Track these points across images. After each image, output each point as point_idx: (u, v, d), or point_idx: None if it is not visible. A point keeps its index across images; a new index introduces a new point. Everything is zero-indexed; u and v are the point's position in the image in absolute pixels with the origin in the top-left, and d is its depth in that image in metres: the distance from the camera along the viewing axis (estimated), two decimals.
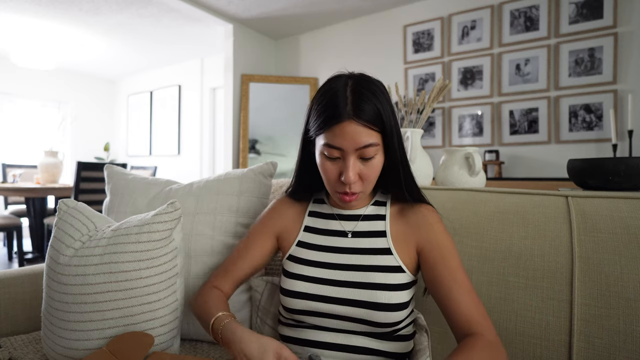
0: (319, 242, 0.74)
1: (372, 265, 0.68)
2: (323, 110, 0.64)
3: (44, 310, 0.76)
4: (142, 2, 3.15)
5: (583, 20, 2.54)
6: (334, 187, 0.68)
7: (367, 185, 0.67)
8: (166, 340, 0.75)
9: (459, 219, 0.84)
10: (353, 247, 0.71)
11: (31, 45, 4.10)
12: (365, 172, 0.65)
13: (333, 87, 0.65)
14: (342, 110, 0.62)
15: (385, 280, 0.66)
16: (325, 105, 0.64)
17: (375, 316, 0.65)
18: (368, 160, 0.65)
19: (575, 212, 0.75)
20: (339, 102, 0.63)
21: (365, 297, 0.65)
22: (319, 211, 0.78)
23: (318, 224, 0.76)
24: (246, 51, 3.69)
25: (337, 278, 0.68)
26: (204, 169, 4.59)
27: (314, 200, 0.80)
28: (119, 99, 5.68)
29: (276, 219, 0.79)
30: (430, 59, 3.12)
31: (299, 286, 0.69)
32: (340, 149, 0.63)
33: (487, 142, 2.87)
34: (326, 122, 0.63)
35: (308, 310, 0.69)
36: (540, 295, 0.71)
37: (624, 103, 2.39)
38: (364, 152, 0.63)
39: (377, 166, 0.67)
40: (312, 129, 0.67)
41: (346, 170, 0.64)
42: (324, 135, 0.65)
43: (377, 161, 0.66)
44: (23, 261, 3.17)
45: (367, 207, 0.75)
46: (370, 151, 0.64)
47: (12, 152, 4.72)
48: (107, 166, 1.11)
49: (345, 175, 0.64)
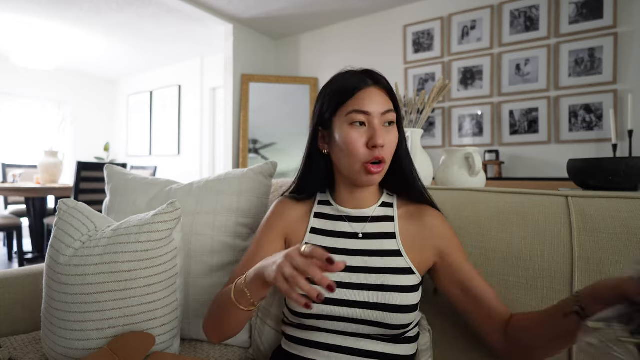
0: (329, 245, 0.72)
1: (385, 267, 0.68)
2: (339, 89, 0.69)
3: (44, 310, 0.76)
4: (142, 2, 3.15)
5: (583, 20, 2.54)
6: (362, 157, 0.67)
7: (389, 156, 0.69)
8: (166, 340, 0.75)
9: (459, 219, 0.84)
10: (364, 249, 0.70)
11: (31, 45, 4.10)
12: (389, 140, 0.68)
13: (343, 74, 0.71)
14: (362, 80, 0.68)
15: (398, 282, 0.66)
16: (341, 86, 0.69)
17: (389, 318, 0.64)
18: (389, 127, 0.68)
19: (575, 212, 0.75)
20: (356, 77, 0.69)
21: (381, 299, 0.65)
22: (325, 212, 0.76)
23: (325, 226, 0.75)
24: (246, 51, 3.69)
25: (350, 281, 0.67)
26: (204, 169, 4.59)
27: (319, 202, 0.79)
28: (119, 99, 5.68)
29: (280, 221, 0.77)
30: (430, 59, 3.11)
31: None
32: (367, 112, 0.66)
33: (487, 142, 2.87)
34: (347, 92, 0.68)
35: (318, 314, 0.67)
36: (540, 295, 0.71)
37: (624, 103, 2.39)
38: (387, 117, 0.67)
39: (395, 138, 0.70)
40: (328, 111, 0.70)
41: (375, 132, 0.66)
42: (346, 106, 0.68)
43: (395, 134, 0.70)
44: (23, 261, 3.17)
45: (374, 207, 0.74)
46: (391, 117, 0.68)
47: (12, 152, 4.72)
48: (107, 166, 1.11)
49: (374, 138, 0.65)
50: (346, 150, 0.68)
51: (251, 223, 0.96)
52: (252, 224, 0.97)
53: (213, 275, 0.91)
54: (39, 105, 5.04)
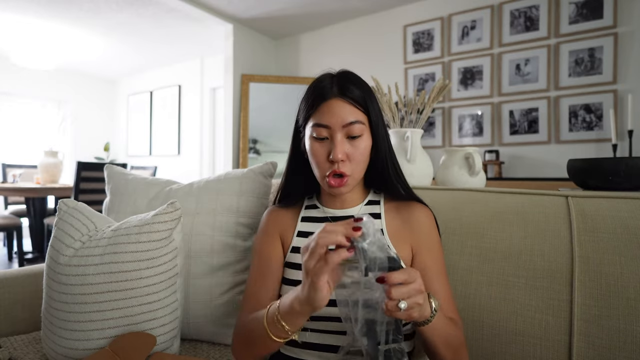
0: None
1: None
2: (310, 96, 0.68)
3: (44, 310, 0.76)
4: (142, 2, 3.15)
5: (583, 20, 2.54)
6: (323, 170, 0.68)
7: (355, 168, 0.68)
8: (166, 340, 0.75)
9: (459, 219, 0.84)
10: None
11: (31, 45, 4.10)
12: (353, 152, 0.67)
13: (319, 79, 0.70)
14: (327, 90, 0.67)
15: None
16: (312, 92, 0.68)
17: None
18: (355, 139, 0.67)
19: (575, 212, 0.75)
20: (325, 85, 0.67)
21: None
22: (312, 215, 0.77)
23: (312, 228, 0.75)
24: (246, 51, 3.69)
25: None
26: (204, 169, 4.59)
27: (306, 206, 0.79)
28: (119, 99, 5.68)
29: (275, 226, 0.78)
30: (430, 59, 3.12)
31: None
32: (328, 126, 0.66)
33: (487, 142, 2.87)
34: (313, 103, 0.67)
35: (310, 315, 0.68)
36: (540, 295, 0.71)
37: (624, 103, 2.39)
38: (351, 130, 0.66)
39: (365, 148, 0.68)
40: (301, 119, 0.71)
41: (334, 147, 0.65)
42: (312, 118, 0.68)
43: (364, 143, 0.68)
44: (23, 261, 3.17)
45: (360, 206, 0.75)
46: (356, 129, 0.66)
47: (12, 152, 4.72)
48: (107, 166, 1.11)
49: (333, 152, 0.65)
50: (311, 161, 0.70)
51: (251, 223, 0.96)
52: (252, 224, 0.97)
53: (213, 276, 0.91)
54: (39, 105, 5.04)
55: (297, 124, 0.73)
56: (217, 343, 0.91)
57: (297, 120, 0.73)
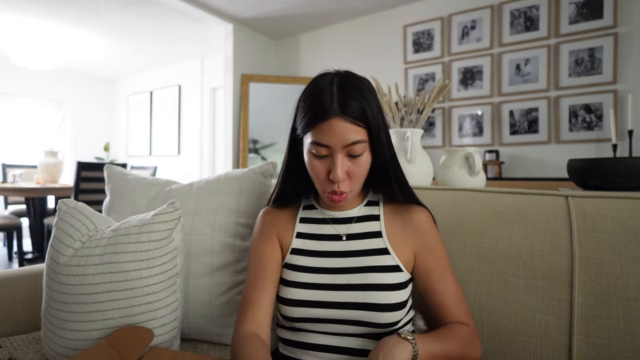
0: (314, 248, 0.72)
1: (369, 266, 0.68)
2: (309, 108, 0.64)
3: (44, 310, 0.76)
4: (142, 2, 3.15)
5: (583, 20, 2.54)
6: (323, 187, 0.67)
7: (355, 184, 0.67)
8: (166, 340, 0.75)
9: (459, 219, 0.84)
10: (348, 249, 0.70)
11: (31, 45, 4.10)
12: (354, 170, 0.65)
13: (319, 85, 0.65)
14: (328, 107, 0.62)
15: (383, 281, 0.66)
16: (312, 103, 0.64)
17: (375, 317, 0.64)
18: (356, 157, 0.65)
19: (575, 212, 0.75)
20: (325, 100, 0.63)
21: (364, 298, 0.65)
22: (310, 217, 0.76)
23: (311, 230, 0.74)
24: (246, 51, 3.69)
25: (335, 282, 0.68)
26: (204, 169, 4.59)
27: (304, 207, 0.78)
28: (119, 99, 5.68)
29: (272, 227, 0.76)
30: (430, 59, 3.11)
31: (297, 294, 0.68)
32: (328, 146, 0.63)
33: (487, 142, 2.87)
34: (313, 119, 0.63)
35: (307, 317, 0.67)
36: (540, 295, 0.71)
37: (624, 103, 2.39)
38: (352, 150, 0.63)
39: (365, 164, 0.66)
40: (299, 128, 0.67)
41: (334, 168, 0.63)
42: (311, 133, 0.64)
43: (365, 159, 0.66)
44: (23, 261, 3.17)
45: (359, 208, 0.74)
46: (358, 148, 0.64)
47: (12, 152, 4.72)
48: (107, 166, 1.11)
49: (333, 174, 0.64)
50: (311, 174, 0.68)
51: (251, 223, 0.97)
52: (252, 224, 0.97)
53: (213, 276, 0.91)
54: (39, 105, 5.04)
55: (295, 130, 0.70)
56: (217, 343, 0.91)
57: (295, 127, 0.69)
